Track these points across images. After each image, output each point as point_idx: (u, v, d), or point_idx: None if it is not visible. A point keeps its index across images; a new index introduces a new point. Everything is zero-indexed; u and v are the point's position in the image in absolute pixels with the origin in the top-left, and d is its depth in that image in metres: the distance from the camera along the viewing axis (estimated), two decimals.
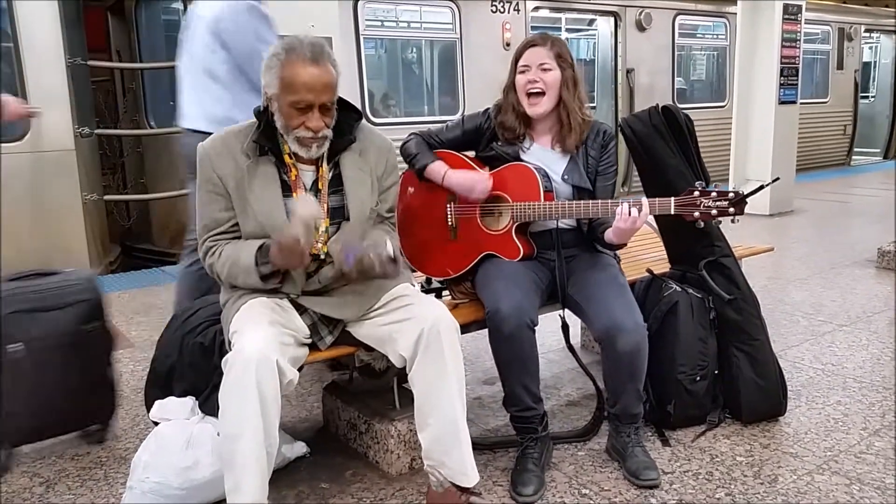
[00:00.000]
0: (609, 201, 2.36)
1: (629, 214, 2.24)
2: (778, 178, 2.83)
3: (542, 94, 2.43)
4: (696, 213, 2.26)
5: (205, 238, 2.13)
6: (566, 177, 2.48)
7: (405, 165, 2.60)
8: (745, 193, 2.24)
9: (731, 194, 2.23)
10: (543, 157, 2.51)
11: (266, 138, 2.07)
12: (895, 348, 3.47)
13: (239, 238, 2.12)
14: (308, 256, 2.00)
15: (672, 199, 2.28)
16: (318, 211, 1.99)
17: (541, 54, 2.43)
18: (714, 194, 2.24)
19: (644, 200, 2.27)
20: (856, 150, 12.04)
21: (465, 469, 2.08)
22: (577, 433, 2.65)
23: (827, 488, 2.30)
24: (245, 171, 2.07)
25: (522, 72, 2.45)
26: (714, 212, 2.24)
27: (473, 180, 2.48)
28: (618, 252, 2.62)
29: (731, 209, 2.23)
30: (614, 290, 2.37)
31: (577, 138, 2.47)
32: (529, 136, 2.53)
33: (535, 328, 2.29)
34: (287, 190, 2.10)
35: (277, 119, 2.04)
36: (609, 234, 2.35)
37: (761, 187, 2.32)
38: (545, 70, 2.42)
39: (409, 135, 2.62)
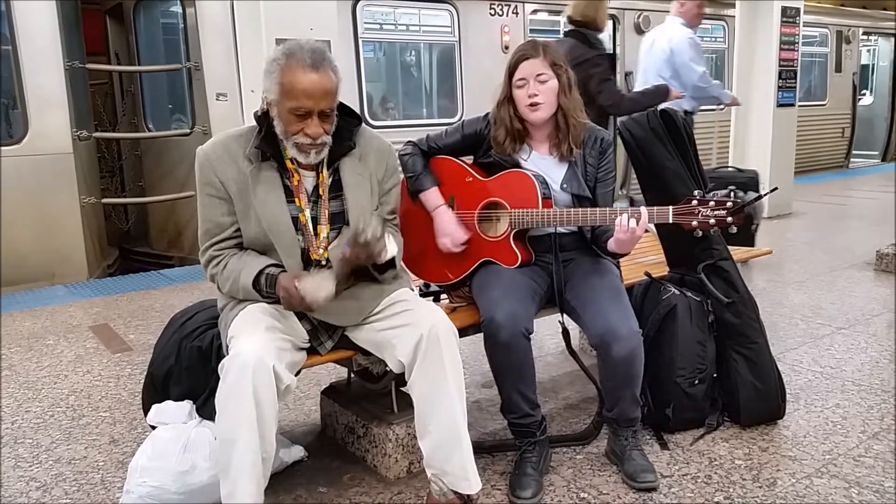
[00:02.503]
0: (607, 209, 2.35)
1: (627, 226, 2.23)
2: (776, 189, 2.83)
3: (543, 103, 2.42)
4: (695, 223, 2.25)
5: (207, 245, 2.12)
6: (565, 185, 2.47)
7: None
8: (743, 203, 2.24)
9: (729, 204, 2.22)
10: (542, 165, 2.50)
11: (267, 144, 2.07)
12: (894, 351, 3.47)
13: (241, 244, 2.12)
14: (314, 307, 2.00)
15: (670, 207, 2.27)
16: (331, 294, 1.97)
17: (536, 66, 2.41)
18: (712, 203, 2.23)
19: (642, 210, 2.26)
20: (854, 152, 12.06)
21: (466, 475, 2.07)
22: (575, 436, 2.64)
23: (826, 492, 2.29)
24: (248, 175, 2.06)
25: (520, 86, 2.43)
26: (712, 221, 2.23)
27: (444, 235, 2.49)
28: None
29: (730, 218, 2.22)
30: (609, 296, 2.36)
31: (573, 142, 2.46)
32: (528, 146, 2.52)
33: (531, 336, 2.29)
34: (289, 195, 2.09)
35: (277, 125, 2.03)
36: (611, 244, 2.34)
37: (760, 197, 2.32)
38: (543, 81, 2.41)
39: (407, 143, 2.59)
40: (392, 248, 2.10)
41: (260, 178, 2.07)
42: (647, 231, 2.35)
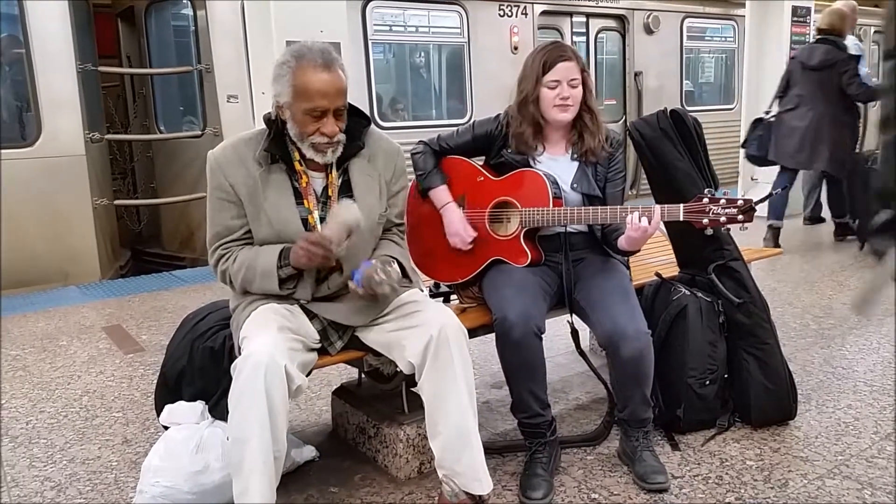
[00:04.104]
0: (618, 207, 2.36)
1: (640, 223, 2.24)
2: (787, 187, 2.83)
3: (571, 106, 2.43)
4: (705, 221, 2.25)
5: (216, 245, 2.14)
6: (575, 185, 2.48)
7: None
8: (755, 201, 2.23)
9: (740, 202, 2.22)
10: (553, 165, 2.50)
11: (276, 146, 2.08)
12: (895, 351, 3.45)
13: (249, 244, 2.13)
14: (334, 257, 2.02)
15: (681, 205, 2.27)
16: (359, 217, 2.01)
17: (571, 70, 2.41)
18: (723, 201, 2.23)
19: (654, 208, 2.26)
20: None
21: (477, 475, 2.07)
22: (586, 437, 2.64)
23: (838, 493, 2.28)
24: (257, 179, 2.08)
25: (553, 87, 2.41)
26: (723, 219, 2.23)
27: (458, 234, 2.51)
28: (626, 258, 2.63)
29: (740, 216, 2.22)
30: (618, 297, 2.37)
31: (596, 143, 2.47)
32: (543, 146, 2.53)
33: (542, 335, 2.29)
34: (298, 197, 2.11)
35: (291, 127, 2.04)
36: (622, 242, 2.35)
37: (771, 195, 2.31)
38: (574, 86, 2.42)
39: (419, 143, 2.61)
40: (397, 270, 2.12)
41: (269, 180, 2.08)
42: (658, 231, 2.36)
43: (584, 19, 8.50)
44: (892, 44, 1.38)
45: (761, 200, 2.26)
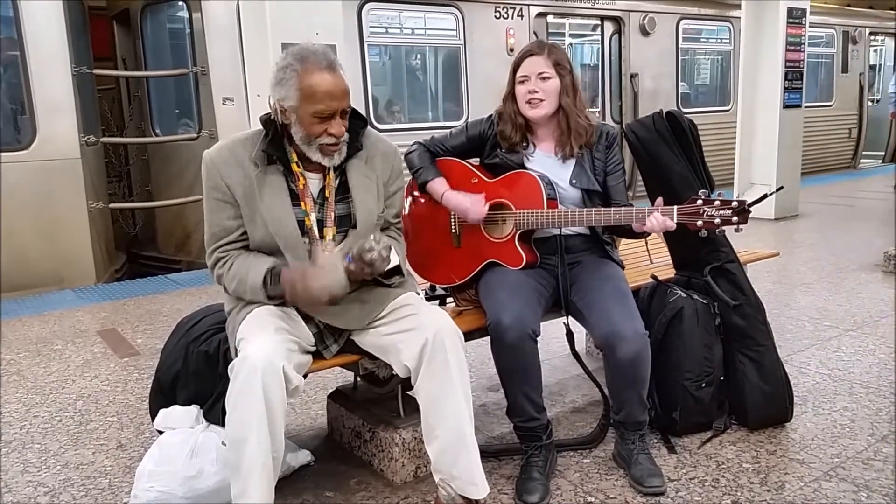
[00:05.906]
0: (611, 210, 2.36)
1: (657, 221, 2.26)
2: (782, 188, 2.83)
3: (542, 100, 2.44)
4: (700, 223, 2.24)
5: (214, 248, 2.13)
6: (574, 181, 2.48)
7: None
8: (749, 203, 2.22)
9: (734, 203, 2.22)
10: (548, 163, 2.50)
11: (273, 147, 2.08)
12: (895, 352, 3.45)
13: (247, 246, 2.13)
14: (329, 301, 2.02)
15: (675, 207, 2.27)
16: (344, 285, 1.99)
17: (539, 63, 2.43)
18: (717, 203, 2.22)
19: (646, 210, 2.27)
20: (865, 153, 12.00)
21: (474, 479, 2.06)
22: (582, 440, 2.64)
23: (834, 495, 2.28)
24: (254, 179, 2.07)
25: (522, 82, 2.45)
26: (717, 221, 2.22)
27: (467, 207, 2.47)
28: (622, 259, 2.63)
29: (735, 218, 2.21)
30: (615, 298, 2.37)
31: (579, 143, 2.47)
32: (532, 143, 2.53)
33: (538, 338, 2.29)
34: (295, 198, 2.10)
35: (296, 131, 2.03)
36: (636, 227, 2.36)
37: (765, 196, 2.31)
38: (544, 79, 2.43)
39: (413, 143, 2.62)
40: (395, 258, 2.11)
41: (266, 181, 2.08)
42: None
43: (579, 21, 8.51)
44: None
45: (756, 202, 2.25)
